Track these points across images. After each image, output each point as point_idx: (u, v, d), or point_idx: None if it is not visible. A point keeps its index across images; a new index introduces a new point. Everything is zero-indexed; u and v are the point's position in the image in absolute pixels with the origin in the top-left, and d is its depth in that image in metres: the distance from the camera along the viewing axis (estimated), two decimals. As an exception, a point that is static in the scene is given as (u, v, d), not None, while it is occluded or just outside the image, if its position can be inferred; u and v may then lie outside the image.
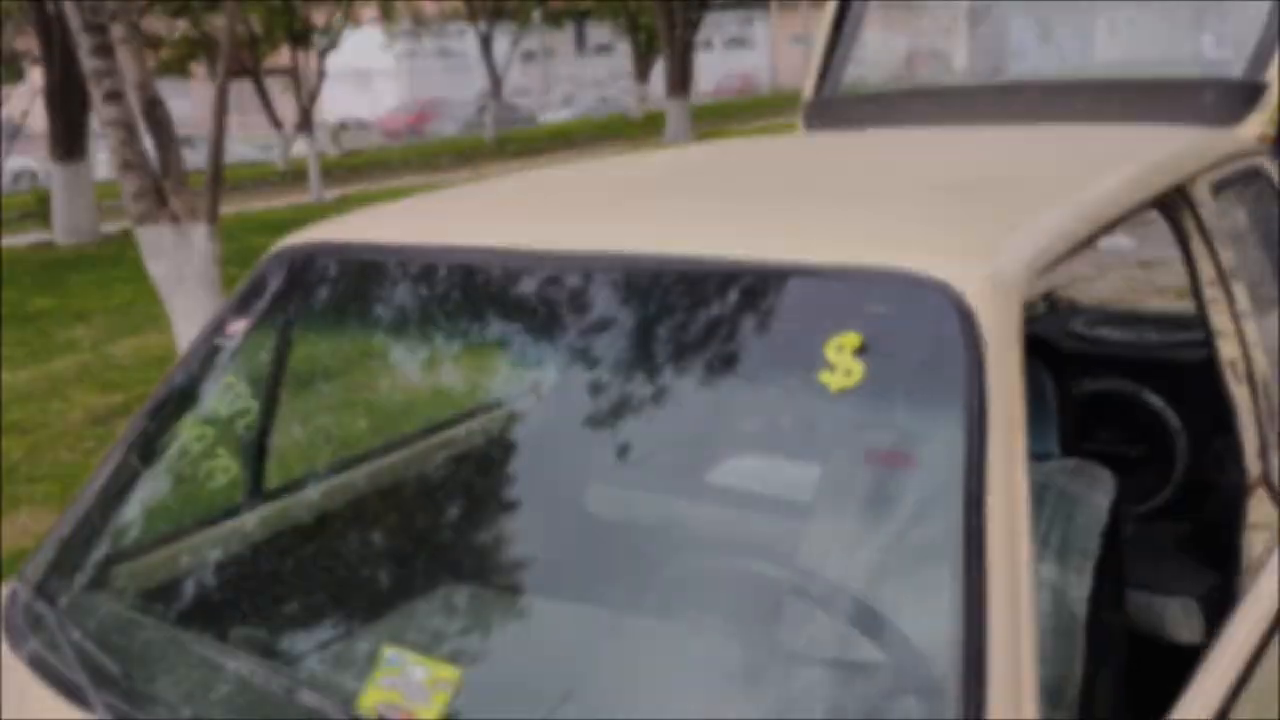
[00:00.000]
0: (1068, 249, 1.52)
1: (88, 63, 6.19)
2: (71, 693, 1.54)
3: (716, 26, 49.50)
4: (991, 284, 1.34)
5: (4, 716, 1.58)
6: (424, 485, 2.36)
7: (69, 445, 6.18)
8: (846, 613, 1.40)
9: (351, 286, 1.98)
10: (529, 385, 1.97)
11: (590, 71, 46.70)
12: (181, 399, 1.98)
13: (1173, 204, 2.01)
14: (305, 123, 20.80)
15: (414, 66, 33.95)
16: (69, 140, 14.76)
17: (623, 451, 1.73)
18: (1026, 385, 2.09)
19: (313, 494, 2.22)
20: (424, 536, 2.05)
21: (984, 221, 1.53)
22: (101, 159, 16.21)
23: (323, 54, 23.50)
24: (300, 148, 23.78)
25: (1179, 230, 2.04)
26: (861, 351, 1.34)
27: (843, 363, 1.34)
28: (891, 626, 1.27)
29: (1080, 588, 1.95)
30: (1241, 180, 2.43)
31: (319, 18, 23.94)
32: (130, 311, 9.76)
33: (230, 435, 1.93)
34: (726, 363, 1.49)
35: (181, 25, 22.30)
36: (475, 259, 1.78)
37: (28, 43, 19.82)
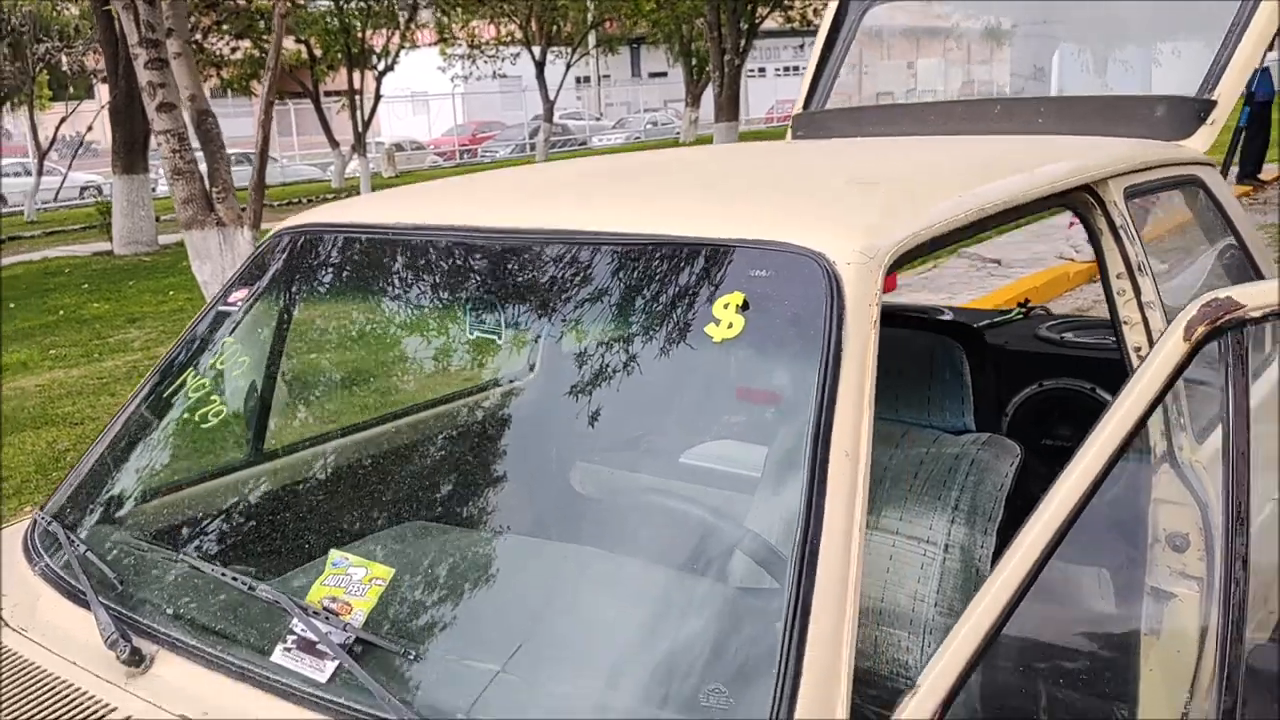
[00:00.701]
0: (945, 233, 1.73)
1: (143, 75, 6.56)
2: (74, 596, 1.80)
3: (771, 55, 49.80)
4: (858, 257, 1.55)
5: (17, 620, 1.83)
6: (396, 445, 2.62)
7: (114, 436, 6.52)
8: (721, 530, 1.62)
9: (343, 260, 2.24)
10: (490, 346, 2.21)
11: (644, 96, 47.16)
12: (187, 358, 2.24)
13: (1082, 203, 2.20)
14: (360, 143, 21.31)
15: (469, 89, 34.56)
16: (130, 154, 15.30)
17: (590, 421, 1.95)
18: (946, 368, 2.30)
19: (307, 455, 2.48)
20: (395, 484, 2.29)
21: (871, 207, 1.75)
22: (163, 173, 16.78)
23: (380, 76, 24.04)
24: (355, 167, 24.34)
25: (1089, 227, 2.23)
26: (744, 309, 1.56)
27: (726, 317, 1.56)
28: (751, 537, 1.48)
29: (986, 546, 2.14)
30: (1172, 185, 2.61)
31: (377, 40, 24.52)
32: (181, 316, 10.17)
33: (228, 389, 2.19)
34: (638, 319, 1.72)
35: (244, 46, 23.00)
36: (443, 235, 2.03)
37: (98, 61, 20.55)
